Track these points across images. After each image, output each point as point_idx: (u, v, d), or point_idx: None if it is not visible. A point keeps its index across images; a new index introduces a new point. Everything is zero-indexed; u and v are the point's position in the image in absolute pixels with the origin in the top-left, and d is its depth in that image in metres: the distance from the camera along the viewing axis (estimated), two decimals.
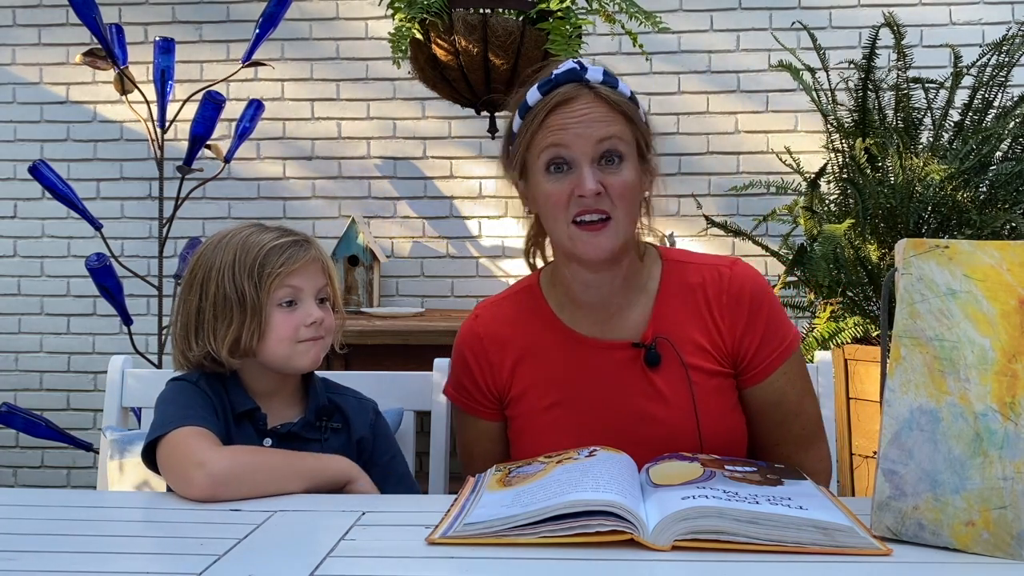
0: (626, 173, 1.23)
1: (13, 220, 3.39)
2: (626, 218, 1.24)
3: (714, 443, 1.26)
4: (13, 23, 3.38)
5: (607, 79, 1.25)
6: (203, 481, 1.11)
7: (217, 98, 2.72)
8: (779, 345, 1.30)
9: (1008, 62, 2.46)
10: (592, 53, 2.83)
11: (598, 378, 1.30)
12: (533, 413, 1.32)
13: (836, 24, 3.15)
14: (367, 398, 1.40)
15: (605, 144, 1.22)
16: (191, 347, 1.27)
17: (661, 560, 0.90)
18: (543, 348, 1.34)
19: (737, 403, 1.32)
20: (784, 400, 1.31)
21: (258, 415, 1.28)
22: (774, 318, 1.31)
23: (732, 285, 1.30)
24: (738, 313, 1.30)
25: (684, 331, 1.29)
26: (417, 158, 3.28)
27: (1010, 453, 0.90)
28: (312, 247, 1.30)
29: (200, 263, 1.28)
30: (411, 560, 0.92)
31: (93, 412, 3.34)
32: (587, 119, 1.21)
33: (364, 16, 3.27)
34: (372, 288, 3.06)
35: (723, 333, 1.30)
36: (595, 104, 1.22)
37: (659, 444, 1.24)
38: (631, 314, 1.32)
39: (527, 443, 1.32)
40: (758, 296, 1.31)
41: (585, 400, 1.30)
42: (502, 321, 1.37)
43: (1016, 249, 0.94)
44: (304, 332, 1.27)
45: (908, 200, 2.33)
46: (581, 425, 1.29)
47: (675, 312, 1.31)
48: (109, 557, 0.96)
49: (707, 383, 1.28)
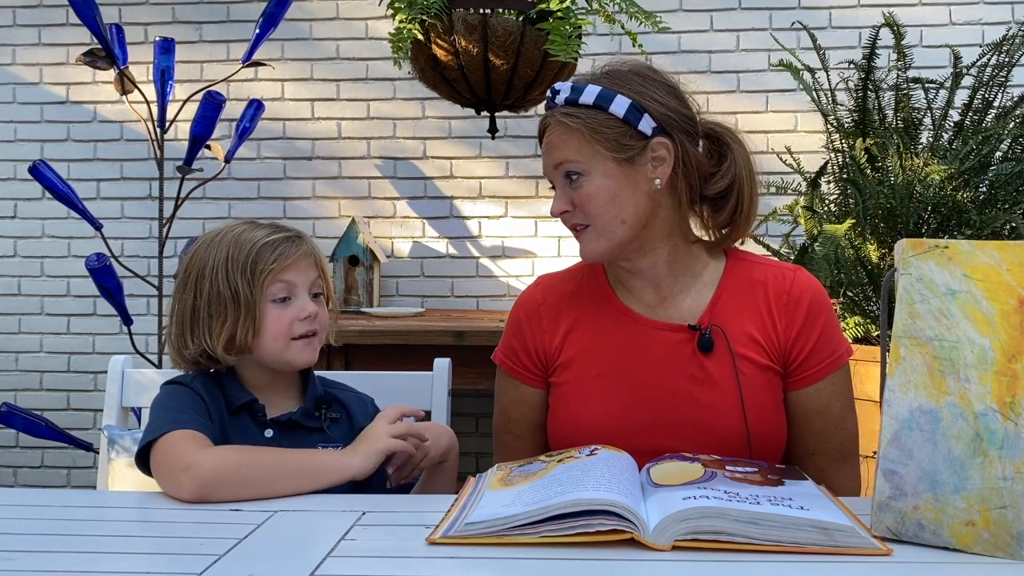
0: (587, 186, 1.29)
1: (13, 220, 3.39)
2: (603, 222, 1.30)
3: (760, 434, 1.28)
4: (13, 23, 3.37)
5: (570, 96, 1.30)
6: (190, 484, 1.12)
7: (217, 98, 2.72)
8: (830, 355, 1.33)
9: (1008, 62, 2.45)
10: (592, 53, 2.83)
11: (647, 355, 1.33)
12: (580, 381, 1.35)
13: (836, 24, 3.15)
14: (364, 394, 1.41)
15: (561, 168, 1.31)
16: (187, 345, 1.28)
17: (661, 560, 0.90)
18: (596, 319, 1.37)
19: (783, 403, 1.34)
20: (826, 411, 1.33)
21: (256, 406, 1.29)
22: (829, 328, 1.34)
23: (794, 288, 1.33)
24: (795, 316, 1.32)
25: (740, 323, 1.32)
26: (417, 158, 3.28)
27: (1010, 453, 0.90)
28: (304, 242, 1.32)
29: (194, 261, 1.29)
30: (411, 560, 0.92)
31: (93, 412, 3.34)
32: (548, 147, 1.33)
33: (364, 16, 3.27)
34: (372, 288, 3.06)
35: (778, 332, 1.32)
36: (555, 130, 1.31)
37: (704, 427, 1.28)
38: (686, 300, 1.35)
39: (571, 409, 1.35)
40: (817, 304, 1.34)
41: (632, 374, 1.32)
42: (560, 292, 1.42)
43: (1016, 249, 0.95)
44: (299, 327, 1.28)
45: (908, 200, 2.33)
46: (626, 398, 1.32)
47: (733, 303, 1.34)
48: (109, 557, 0.96)
49: (756, 376, 1.31)
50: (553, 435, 1.38)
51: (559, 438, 1.36)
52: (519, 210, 3.25)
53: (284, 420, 1.30)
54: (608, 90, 1.28)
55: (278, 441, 1.28)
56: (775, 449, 1.32)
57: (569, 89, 1.30)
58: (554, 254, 3.23)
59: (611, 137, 1.27)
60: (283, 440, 1.28)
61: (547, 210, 3.23)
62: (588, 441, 1.22)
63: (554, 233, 3.23)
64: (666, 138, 1.30)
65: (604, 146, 1.27)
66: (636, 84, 1.30)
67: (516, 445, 1.42)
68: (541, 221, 3.24)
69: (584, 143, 1.28)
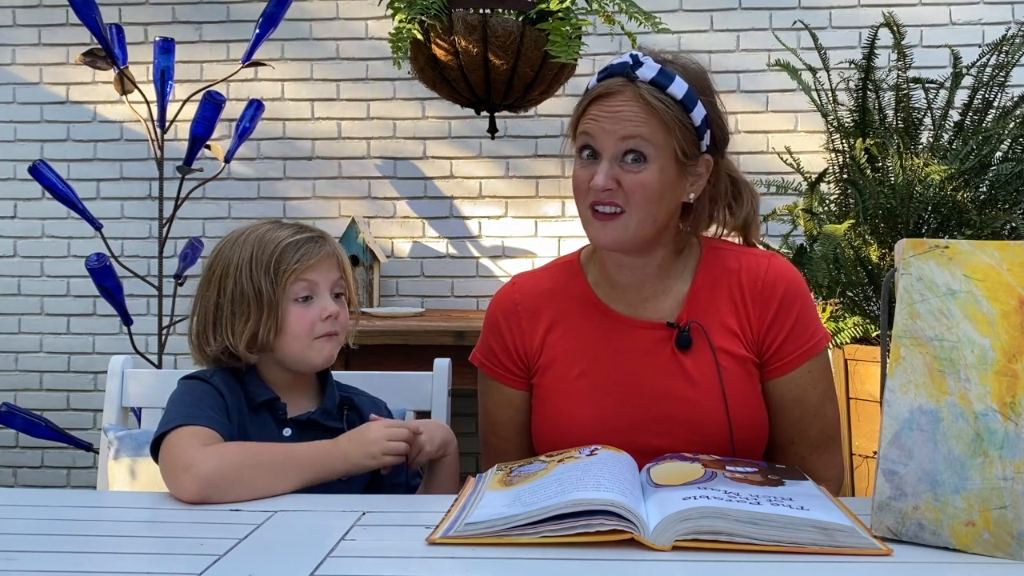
0: (646, 174, 1.25)
1: (13, 220, 3.39)
2: (641, 215, 1.26)
3: (742, 427, 1.28)
4: (13, 23, 3.37)
5: (658, 79, 1.25)
6: (191, 484, 1.12)
7: (217, 98, 2.72)
8: (805, 343, 1.32)
9: (1008, 62, 2.45)
10: (592, 53, 2.83)
11: (627, 354, 1.33)
12: (561, 381, 1.35)
13: (836, 24, 3.15)
14: (378, 398, 1.43)
15: (629, 143, 1.25)
16: (209, 342, 1.30)
17: (662, 560, 0.90)
18: (575, 319, 1.37)
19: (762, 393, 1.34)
20: (804, 399, 1.33)
21: (278, 404, 1.31)
22: (804, 316, 1.33)
23: (768, 276, 1.33)
24: (768, 305, 1.32)
25: (717, 314, 1.32)
26: (417, 158, 3.28)
27: (1010, 453, 0.90)
28: (327, 243, 1.33)
29: (218, 260, 1.31)
30: (411, 560, 0.92)
31: (93, 412, 3.34)
32: (618, 116, 1.25)
33: (364, 16, 3.27)
34: (372, 288, 3.06)
35: (751, 321, 1.32)
36: (631, 103, 1.25)
37: (687, 423, 1.28)
38: (666, 300, 1.35)
39: (554, 410, 1.35)
40: (791, 292, 1.33)
41: (612, 374, 1.32)
42: (538, 291, 1.41)
43: (1016, 249, 0.95)
44: (320, 327, 1.29)
45: (908, 200, 2.33)
46: (608, 397, 1.31)
47: (709, 295, 1.34)
48: (109, 557, 0.96)
49: (736, 368, 1.31)
50: (537, 436, 1.37)
51: (543, 439, 1.35)
52: (519, 210, 3.25)
53: (303, 420, 1.31)
54: (693, 90, 1.27)
55: (295, 441, 1.28)
56: (758, 441, 1.33)
57: (657, 70, 1.25)
58: (554, 254, 3.23)
59: (685, 138, 1.26)
60: (300, 440, 1.28)
61: (547, 210, 3.25)
62: (572, 442, 1.22)
63: (554, 233, 3.23)
64: (711, 157, 1.31)
65: (678, 142, 1.26)
66: (709, 95, 1.31)
67: (504, 448, 1.41)
68: (541, 221, 3.24)
69: (663, 130, 1.25)
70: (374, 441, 1.21)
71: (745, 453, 1.28)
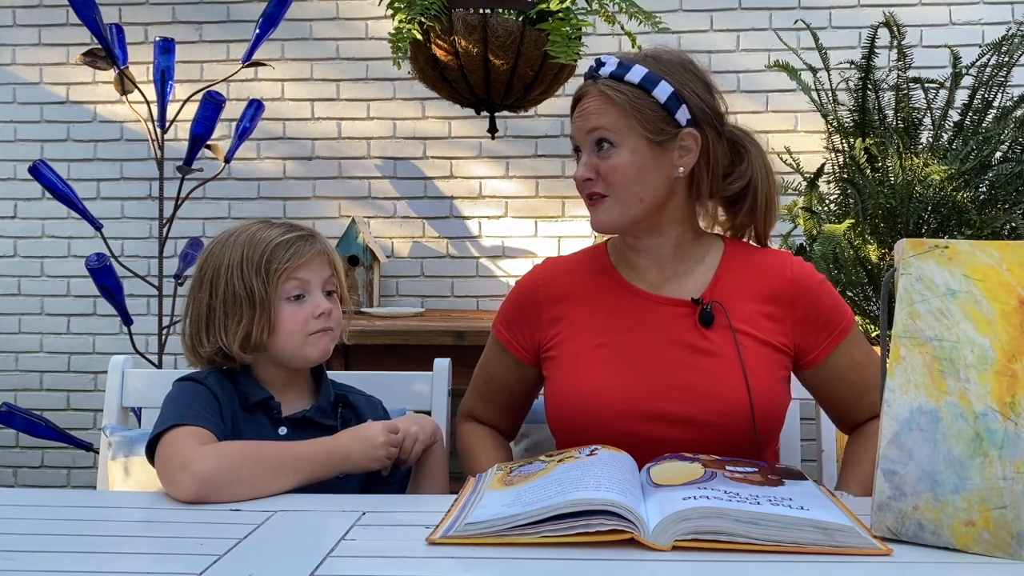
0: (616, 158, 1.33)
1: (13, 220, 3.39)
2: (622, 195, 1.34)
3: (762, 400, 1.31)
4: (13, 23, 3.37)
5: (616, 71, 1.34)
6: (188, 483, 1.12)
7: (217, 98, 2.72)
8: (836, 327, 1.37)
9: (1008, 62, 2.46)
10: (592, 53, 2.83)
11: (649, 326, 1.36)
12: (582, 349, 1.37)
13: (836, 24, 3.15)
14: (373, 396, 1.43)
15: (594, 134, 1.34)
16: (202, 344, 1.30)
17: (661, 560, 0.90)
18: (595, 294, 1.41)
19: (784, 379, 1.37)
20: (854, 361, 1.38)
21: (272, 403, 1.31)
22: (829, 308, 1.38)
23: (797, 277, 1.38)
24: (797, 305, 1.36)
25: (741, 302, 1.36)
26: (417, 158, 3.28)
27: (1010, 453, 0.90)
28: (317, 241, 1.34)
29: (209, 261, 1.31)
30: (411, 560, 0.92)
31: (93, 412, 3.34)
32: (584, 113, 1.36)
33: (364, 16, 3.27)
34: (372, 288, 3.06)
35: (778, 319, 1.36)
36: (594, 98, 1.35)
37: (706, 392, 1.31)
38: (688, 280, 1.39)
39: (573, 376, 1.36)
40: (816, 292, 1.38)
41: (633, 343, 1.35)
42: (562, 272, 1.46)
43: (1016, 249, 0.95)
44: (313, 324, 1.30)
45: (908, 200, 2.33)
46: (627, 364, 1.34)
47: (734, 283, 1.38)
48: (109, 557, 0.96)
49: (757, 349, 1.34)
50: (554, 405, 1.38)
51: (561, 407, 1.36)
52: (519, 210, 3.25)
53: (299, 417, 1.31)
54: (654, 73, 1.33)
55: (291, 439, 1.28)
56: (776, 420, 1.36)
57: (616, 64, 1.35)
58: (554, 254, 3.23)
59: (650, 118, 1.33)
60: (296, 438, 1.28)
61: (547, 210, 3.25)
62: (589, 408, 1.28)
63: (554, 233, 3.23)
64: (696, 130, 1.35)
65: (641, 124, 1.32)
66: (679, 74, 1.36)
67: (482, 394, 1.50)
68: (541, 221, 3.24)
69: (622, 116, 1.33)
70: (379, 445, 1.22)
71: (764, 428, 1.31)
